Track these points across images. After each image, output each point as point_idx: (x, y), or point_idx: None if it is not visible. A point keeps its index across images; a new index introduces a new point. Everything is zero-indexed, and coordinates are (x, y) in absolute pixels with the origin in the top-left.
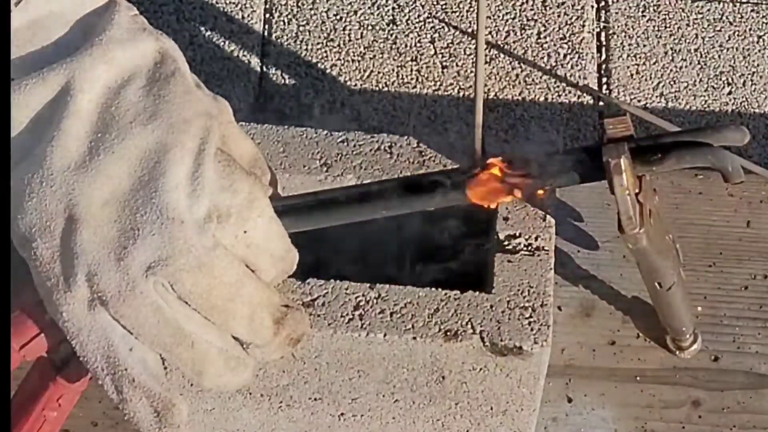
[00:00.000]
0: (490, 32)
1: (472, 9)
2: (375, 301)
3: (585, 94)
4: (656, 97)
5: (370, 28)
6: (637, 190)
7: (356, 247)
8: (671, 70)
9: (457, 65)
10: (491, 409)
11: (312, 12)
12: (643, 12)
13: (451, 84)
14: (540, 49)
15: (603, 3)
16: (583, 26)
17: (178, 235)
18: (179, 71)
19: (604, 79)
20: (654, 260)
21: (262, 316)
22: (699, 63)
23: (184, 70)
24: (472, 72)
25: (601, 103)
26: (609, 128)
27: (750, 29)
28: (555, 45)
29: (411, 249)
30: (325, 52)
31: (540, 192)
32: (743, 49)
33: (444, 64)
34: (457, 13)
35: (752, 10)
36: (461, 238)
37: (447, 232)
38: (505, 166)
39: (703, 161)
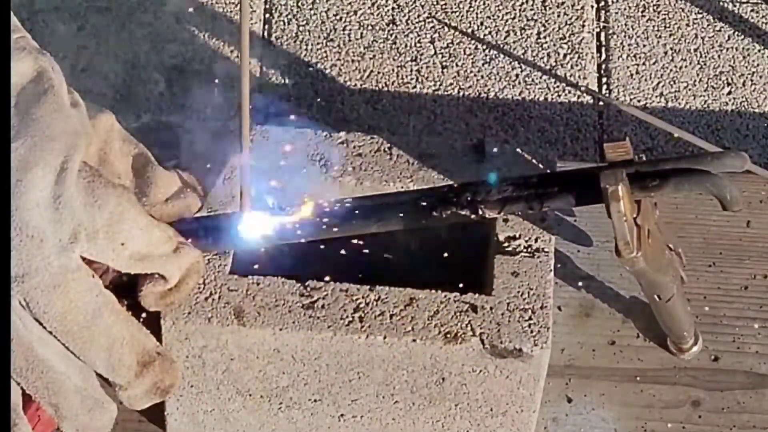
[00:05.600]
0: (489, 32)
1: (472, 9)
2: (375, 303)
3: (585, 94)
4: (656, 97)
5: (370, 28)
6: (635, 215)
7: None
8: (671, 70)
9: (456, 65)
10: (491, 410)
11: (312, 12)
12: (643, 12)
13: (451, 84)
14: (540, 49)
15: (603, 3)
16: (583, 26)
17: (36, 252)
18: (52, 90)
19: (604, 79)
20: (652, 278)
21: (122, 351)
22: (699, 63)
23: (58, 88)
24: (472, 72)
25: (601, 103)
26: (609, 152)
27: (750, 29)
28: (555, 45)
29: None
30: (325, 52)
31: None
32: (743, 49)
33: (444, 64)
34: (457, 13)
35: (752, 10)
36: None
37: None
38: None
39: (702, 189)
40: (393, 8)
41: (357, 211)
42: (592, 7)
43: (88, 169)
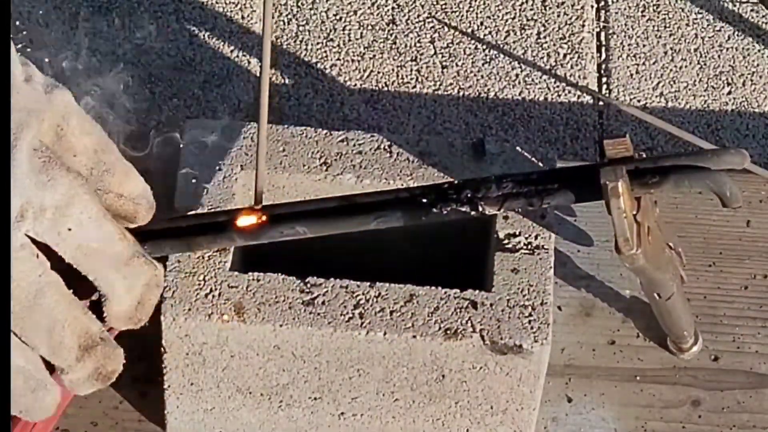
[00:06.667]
0: (489, 32)
1: (472, 9)
2: (375, 299)
3: (585, 94)
4: (656, 97)
5: (370, 28)
6: (635, 211)
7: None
8: (671, 70)
9: (456, 65)
10: (491, 407)
11: (312, 12)
12: (642, 12)
13: (451, 84)
14: (540, 49)
15: (603, 3)
16: (583, 26)
17: None
18: None
19: (604, 79)
20: (652, 275)
21: (63, 334)
22: (699, 63)
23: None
24: (472, 72)
25: (601, 103)
26: (608, 149)
27: (750, 29)
28: (555, 45)
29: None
30: (325, 52)
31: None
32: (743, 49)
33: (444, 64)
34: (457, 13)
35: (752, 10)
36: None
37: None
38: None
39: (702, 186)
40: (393, 8)
41: (356, 208)
42: (592, 7)
43: (45, 149)
